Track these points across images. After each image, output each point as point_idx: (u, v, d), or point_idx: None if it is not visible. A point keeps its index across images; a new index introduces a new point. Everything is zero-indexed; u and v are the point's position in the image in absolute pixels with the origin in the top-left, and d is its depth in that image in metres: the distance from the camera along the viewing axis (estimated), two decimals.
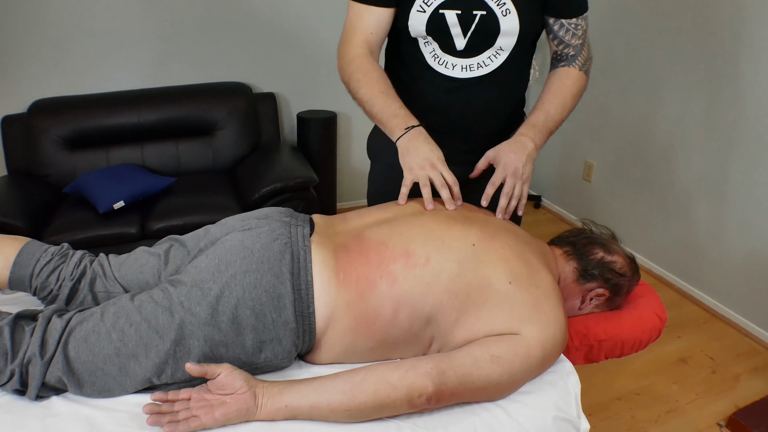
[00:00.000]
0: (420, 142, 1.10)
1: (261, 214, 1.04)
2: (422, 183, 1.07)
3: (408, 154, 1.10)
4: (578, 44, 1.25)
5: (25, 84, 2.52)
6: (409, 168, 1.09)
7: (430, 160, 1.08)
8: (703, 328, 2.38)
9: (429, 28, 1.17)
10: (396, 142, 1.12)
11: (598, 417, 1.88)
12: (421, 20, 1.16)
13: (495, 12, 1.15)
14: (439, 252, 0.96)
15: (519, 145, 1.15)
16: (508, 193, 1.12)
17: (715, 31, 2.27)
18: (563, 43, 1.25)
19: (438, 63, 1.22)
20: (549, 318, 0.94)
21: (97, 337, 0.87)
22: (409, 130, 1.11)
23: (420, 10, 1.16)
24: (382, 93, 1.15)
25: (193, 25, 2.70)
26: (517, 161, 1.12)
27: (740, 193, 2.28)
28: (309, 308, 0.93)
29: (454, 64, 1.22)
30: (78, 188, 2.32)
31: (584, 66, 1.28)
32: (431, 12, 1.15)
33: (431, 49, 1.21)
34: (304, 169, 2.53)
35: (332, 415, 0.84)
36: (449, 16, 1.15)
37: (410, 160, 1.09)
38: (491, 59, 1.22)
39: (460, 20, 1.16)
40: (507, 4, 1.15)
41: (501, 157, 1.15)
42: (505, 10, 1.15)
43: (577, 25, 1.23)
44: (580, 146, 3.14)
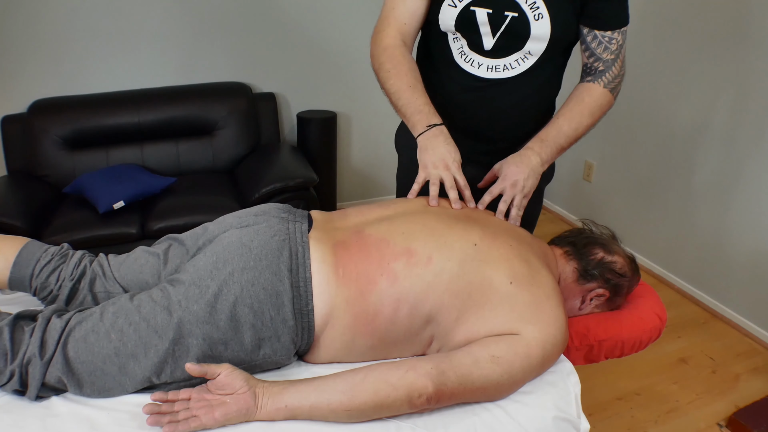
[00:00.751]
0: (439, 142, 1.11)
1: (259, 210, 1.04)
2: (432, 181, 1.09)
3: (425, 152, 1.11)
4: (609, 59, 1.20)
5: (25, 84, 2.52)
6: (424, 165, 1.11)
7: (445, 161, 1.10)
8: (703, 328, 2.38)
9: (458, 24, 1.16)
10: (417, 138, 1.13)
11: (598, 417, 1.88)
12: (452, 15, 1.16)
13: (527, 15, 1.13)
14: (440, 251, 0.96)
15: (522, 159, 1.15)
16: (507, 201, 1.13)
17: (717, 30, 2.27)
18: (594, 56, 1.21)
19: (464, 60, 1.21)
20: (549, 318, 0.94)
21: (97, 337, 0.87)
22: (431, 128, 1.12)
23: (451, 5, 1.15)
24: (409, 87, 1.15)
25: (193, 25, 2.70)
26: (518, 174, 1.13)
27: (740, 193, 2.28)
28: (308, 305, 0.93)
29: (480, 63, 1.20)
30: (78, 188, 2.32)
31: (611, 83, 1.23)
32: (462, 8, 1.15)
33: (459, 46, 1.21)
34: (304, 169, 2.53)
35: (332, 415, 0.84)
36: (480, 14, 1.14)
37: (426, 158, 1.11)
38: (518, 62, 1.19)
39: (491, 19, 1.14)
40: (540, 8, 1.12)
41: (503, 169, 1.16)
42: (538, 14, 1.13)
43: (611, 39, 1.18)
44: (580, 146, 3.12)
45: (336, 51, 2.91)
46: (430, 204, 1.08)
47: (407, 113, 1.15)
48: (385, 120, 1.27)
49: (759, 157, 2.18)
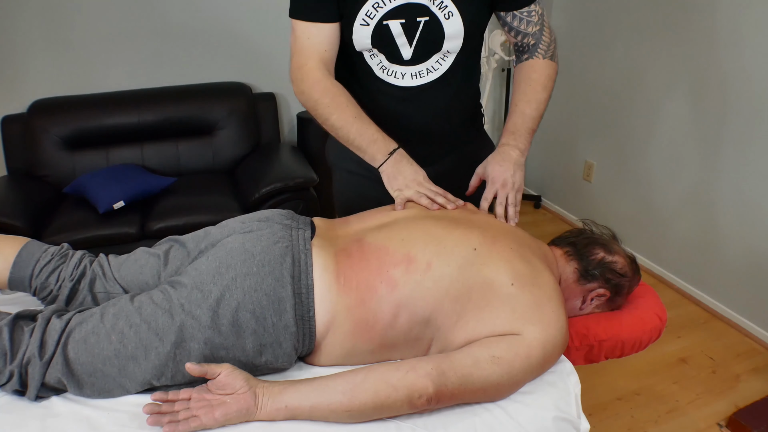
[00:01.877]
0: (403, 166, 1.13)
1: (262, 216, 1.04)
2: (416, 198, 1.10)
3: (394, 179, 1.12)
4: (536, 31, 1.21)
5: (25, 84, 2.52)
6: (398, 189, 1.12)
7: (416, 180, 1.12)
8: (703, 328, 2.38)
9: (374, 41, 1.14)
10: (379, 168, 1.14)
11: (599, 417, 1.88)
12: (366, 33, 1.13)
13: (438, 16, 1.13)
14: (439, 257, 0.95)
15: (503, 156, 1.17)
16: (502, 203, 1.14)
17: (719, 32, 2.28)
18: (521, 33, 1.22)
19: (387, 74, 1.20)
20: (550, 319, 0.94)
21: (97, 338, 0.87)
22: (391, 155, 1.13)
23: (363, 24, 1.12)
24: (355, 118, 1.14)
25: (193, 24, 2.70)
26: (504, 173, 1.15)
27: (740, 193, 2.27)
28: (309, 312, 0.93)
29: (404, 73, 1.20)
30: (78, 188, 2.32)
31: (548, 51, 1.24)
32: (375, 24, 1.12)
33: (378, 61, 1.19)
34: (304, 169, 2.53)
35: (332, 415, 0.84)
36: (394, 26, 1.13)
37: (397, 183, 1.12)
38: (440, 63, 1.20)
39: (405, 29, 1.13)
40: (449, 7, 1.12)
41: (488, 171, 1.17)
42: (448, 12, 1.13)
43: (530, 12, 1.19)
44: (580, 146, 3.14)
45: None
46: (432, 207, 1.10)
47: (361, 145, 1.14)
48: None
49: (760, 157, 2.18)
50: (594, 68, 2.94)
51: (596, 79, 2.94)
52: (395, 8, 1.11)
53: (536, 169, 3.56)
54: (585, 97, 3.04)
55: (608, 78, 2.85)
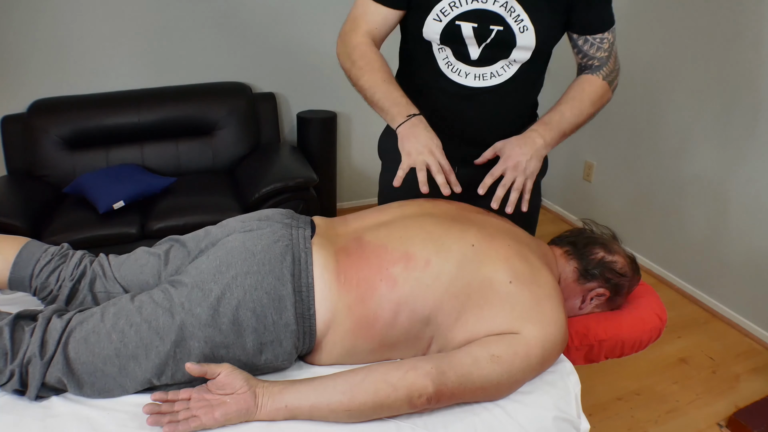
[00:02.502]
0: (420, 130, 1.09)
1: (262, 215, 1.04)
2: (419, 167, 1.06)
3: (407, 140, 1.09)
4: (603, 57, 1.22)
5: (25, 84, 2.52)
6: (407, 153, 1.08)
7: (429, 147, 1.07)
8: (703, 328, 2.38)
9: (443, 37, 1.16)
10: (396, 129, 1.12)
11: (598, 417, 1.88)
12: (436, 29, 1.15)
13: (512, 28, 1.14)
14: (438, 254, 0.96)
15: (526, 140, 1.14)
16: (506, 185, 1.10)
17: (722, 32, 2.27)
18: (587, 56, 1.23)
19: (451, 70, 1.21)
20: (549, 318, 0.94)
21: (97, 337, 0.87)
22: (410, 117, 1.11)
23: (436, 19, 1.14)
24: (384, 81, 1.14)
25: (193, 25, 2.70)
26: (520, 155, 1.11)
27: (740, 193, 2.28)
28: (310, 310, 0.93)
29: (467, 72, 1.20)
30: (78, 188, 2.32)
31: (609, 77, 1.24)
32: (447, 22, 1.14)
33: (444, 56, 1.20)
34: (304, 169, 2.53)
35: (332, 415, 0.84)
36: (465, 28, 1.14)
37: (409, 146, 1.08)
38: (505, 69, 1.20)
39: (476, 33, 1.14)
40: (525, 21, 1.13)
41: (506, 149, 1.14)
42: (523, 26, 1.13)
43: (603, 39, 1.19)
44: (580, 146, 3.14)
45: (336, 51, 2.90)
46: (421, 190, 1.05)
47: (384, 106, 1.13)
48: None
49: (759, 157, 2.18)
50: None
51: None
52: (470, 11, 1.13)
53: None
54: None
55: None
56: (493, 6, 1.12)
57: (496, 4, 1.12)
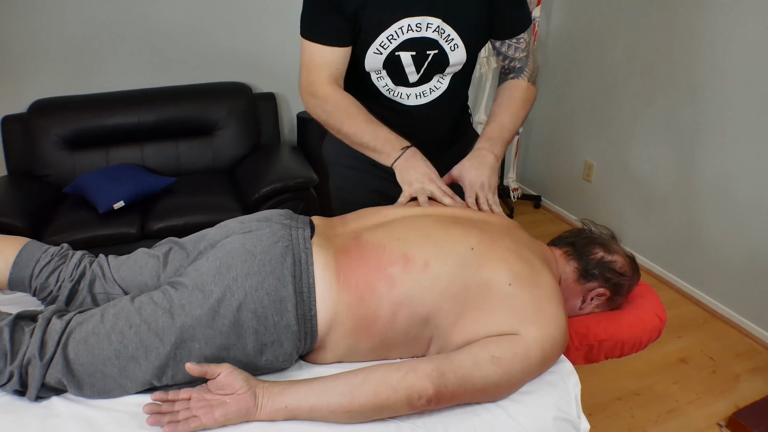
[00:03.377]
0: (417, 161, 1.16)
1: (261, 216, 1.04)
2: (420, 196, 1.13)
3: (406, 171, 1.15)
4: (523, 57, 1.29)
5: (25, 84, 2.52)
6: (408, 183, 1.14)
7: (429, 175, 1.14)
8: (703, 328, 2.38)
9: (384, 67, 1.21)
10: (393, 164, 1.16)
11: (598, 417, 1.88)
12: (377, 60, 1.20)
13: (445, 49, 1.20)
14: (437, 256, 0.96)
15: (479, 160, 1.20)
16: (484, 203, 1.16)
17: (720, 29, 2.27)
18: (508, 58, 1.30)
19: (392, 95, 1.27)
20: (549, 318, 0.94)
21: (97, 338, 0.87)
22: (405, 150, 1.16)
23: (377, 52, 1.19)
24: (368, 123, 1.18)
25: (193, 25, 2.70)
26: (480, 176, 1.18)
27: (740, 192, 2.28)
28: (311, 311, 0.93)
29: (408, 94, 1.27)
30: (78, 188, 2.32)
31: (532, 77, 1.32)
32: (387, 54, 1.19)
33: (384, 83, 1.25)
34: (304, 169, 2.53)
35: (332, 416, 0.84)
36: (404, 57, 1.19)
37: (409, 176, 1.14)
38: (440, 82, 1.27)
39: (414, 60, 1.20)
40: (455, 39, 1.19)
41: (464, 175, 1.19)
42: (454, 45, 1.20)
43: (519, 39, 1.27)
44: (580, 146, 3.14)
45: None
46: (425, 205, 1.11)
47: (376, 146, 1.17)
48: None
49: (759, 157, 2.18)
50: (594, 68, 2.94)
51: (596, 79, 2.94)
52: (407, 41, 1.17)
53: (536, 169, 3.56)
54: (585, 97, 3.04)
55: (608, 78, 2.85)
56: (427, 32, 1.17)
57: (429, 30, 1.17)
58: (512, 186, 3.30)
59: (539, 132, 3.47)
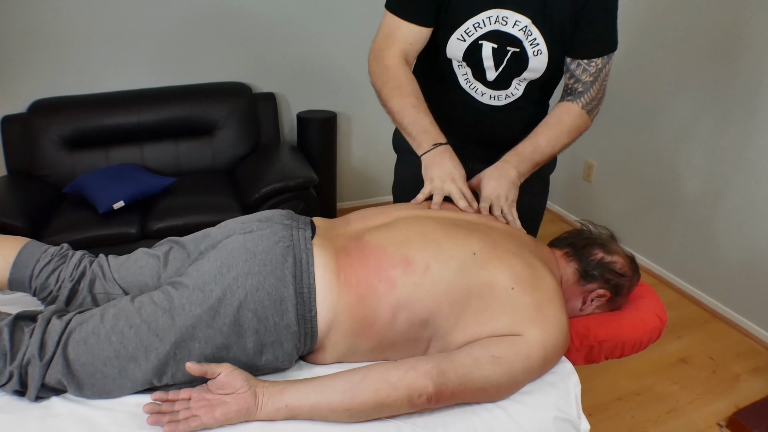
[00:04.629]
0: (445, 158, 1.14)
1: (262, 216, 1.04)
2: (436, 194, 1.11)
3: (431, 167, 1.14)
4: (588, 81, 1.23)
5: (25, 84, 2.52)
6: (430, 179, 1.13)
7: (452, 175, 1.12)
8: (703, 328, 2.38)
9: (465, 56, 1.20)
10: (422, 156, 1.16)
11: (599, 417, 1.88)
12: (460, 47, 1.19)
13: (527, 51, 1.18)
14: (438, 260, 0.95)
15: (501, 172, 1.17)
16: (498, 214, 1.14)
17: (722, 28, 2.28)
18: (573, 77, 1.24)
19: (469, 87, 1.26)
20: (551, 320, 0.94)
21: (97, 339, 0.87)
22: (437, 146, 1.15)
23: (460, 39, 1.18)
24: (413, 107, 1.17)
25: (192, 24, 2.70)
26: (498, 189, 1.15)
27: (740, 193, 2.28)
28: (311, 311, 0.93)
29: (483, 92, 1.26)
30: (78, 188, 2.32)
31: (589, 105, 1.26)
32: (470, 42, 1.18)
33: (464, 72, 1.24)
34: (304, 169, 2.53)
35: (332, 414, 0.84)
36: (485, 48, 1.18)
37: (432, 172, 1.13)
38: (517, 88, 1.25)
39: (494, 53, 1.19)
40: (540, 45, 1.17)
41: (483, 185, 1.17)
42: (537, 50, 1.18)
43: (590, 62, 1.21)
44: (580, 146, 3.12)
45: (336, 51, 2.91)
46: (432, 208, 1.10)
47: (412, 132, 1.17)
48: (385, 120, 1.27)
49: (759, 157, 2.18)
50: None
51: None
52: (491, 32, 1.17)
53: None
54: None
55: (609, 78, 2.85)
56: (513, 29, 1.16)
57: (515, 28, 1.16)
58: None
59: None
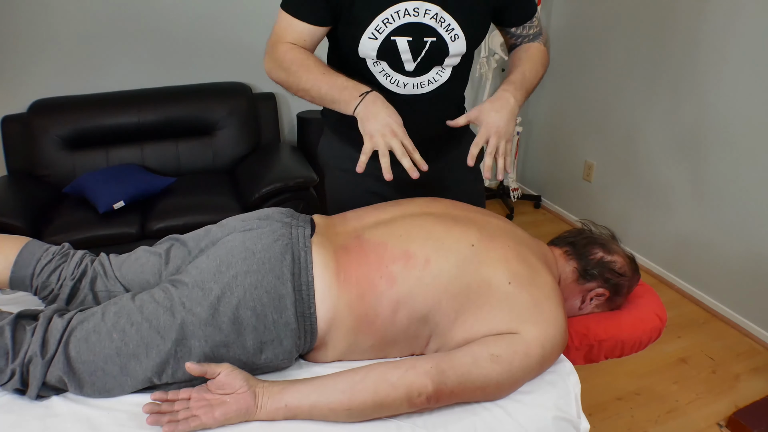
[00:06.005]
0: (378, 108, 1.06)
1: (262, 214, 1.04)
2: (381, 152, 1.03)
3: (368, 121, 1.05)
4: (536, 32, 1.29)
5: (25, 84, 2.52)
6: (369, 135, 1.04)
7: (390, 126, 1.04)
8: (703, 328, 2.38)
9: (380, 54, 1.16)
10: (354, 112, 1.08)
11: (598, 417, 1.88)
12: (373, 46, 1.15)
13: (444, 38, 1.16)
14: (437, 253, 0.96)
15: (501, 102, 1.12)
16: (492, 152, 1.08)
17: (719, 31, 2.28)
18: (521, 37, 1.29)
19: (389, 81, 1.21)
20: (549, 318, 0.94)
21: (98, 336, 0.87)
22: (364, 96, 1.07)
23: (372, 37, 1.14)
24: (323, 74, 1.11)
25: (193, 24, 2.70)
26: (499, 120, 1.09)
27: (740, 193, 2.28)
28: (310, 309, 0.93)
29: (405, 83, 1.21)
30: (78, 188, 2.33)
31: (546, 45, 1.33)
32: (383, 39, 1.14)
33: (381, 68, 1.20)
34: (304, 169, 2.53)
35: (332, 414, 0.84)
36: (400, 42, 1.15)
37: (370, 127, 1.04)
38: (439, 74, 1.22)
39: (411, 46, 1.15)
40: (456, 30, 1.15)
41: (483, 117, 1.11)
42: (454, 35, 1.16)
43: (530, 25, 1.27)
44: (580, 146, 3.14)
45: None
46: (385, 177, 1.02)
47: (334, 96, 1.09)
48: None
49: (759, 157, 2.18)
50: (594, 68, 2.94)
51: (596, 79, 2.94)
52: (403, 25, 1.13)
53: (536, 169, 3.56)
54: (585, 97, 3.04)
55: (608, 78, 2.85)
56: (425, 18, 1.13)
57: (427, 16, 1.13)
58: (512, 186, 3.30)
59: (539, 132, 3.47)
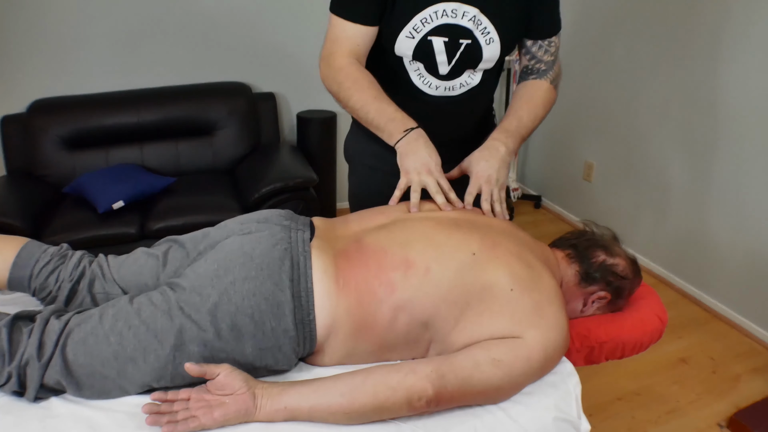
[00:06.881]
0: (419, 146, 1.11)
1: (261, 217, 1.03)
2: (414, 188, 1.08)
3: (407, 157, 1.10)
4: (550, 60, 1.27)
5: (25, 84, 2.52)
6: (406, 171, 1.10)
7: (428, 166, 1.09)
8: (703, 328, 2.38)
9: (416, 53, 1.18)
10: (395, 145, 1.12)
11: (599, 417, 1.88)
12: (409, 45, 1.17)
13: (479, 41, 1.17)
14: (438, 261, 0.95)
15: (491, 151, 1.16)
16: (487, 198, 1.13)
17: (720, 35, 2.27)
18: (535, 59, 1.27)
19: (422, 82, 1.24)
20: (551, 322, 0.94)
21: (96, 339, 0.87)
22: (408, 132, 1.12)
23: (409, 36, 1.16)
24: (375, 98, 1.15)
25: (192, 24, 2.70)
26: (489, 169, 1.14)
27: (740, 193, 2.27)
28: (309, 315, 0.92)
29: (437, 85, 1.24)
30: (77, 188, 2.32)
31: (554, 81, 1.30)
32: (420, 39, 1.16)
33: (416, 68, 1.22)
34: (304, 169, 2.53)
35: (332, 417, 0.84)
36: (436, 43, 1.17)
37: (407, 163, 1.10)
38: (471, 78, 1.24)
39: (446, 47, 1.17)
40: (491, 33, 1.17)
41: (473, 166, 1.16)
42: (489, 39, 1.17)
43: (551, 42, 1.25)
44: (580, 146, 3.14)
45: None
46: (411, 211, 1.07)
47: (380, 124, 1.14)
48: None
49: (759, 157, 2.18)
50: (594, 69, 2.94)
51: (596, 80, 2.94)
52: (440, 26, 1.15)
53: (536, 169, 3.55)
54: (585, 98, 3.04)
55: (608, 78, 2.85)
56: (462, 20, 1.15)
57: (464, 18, 1.15)
58: (512, 186, 3.30)
59: (539, 132, 3.46)
